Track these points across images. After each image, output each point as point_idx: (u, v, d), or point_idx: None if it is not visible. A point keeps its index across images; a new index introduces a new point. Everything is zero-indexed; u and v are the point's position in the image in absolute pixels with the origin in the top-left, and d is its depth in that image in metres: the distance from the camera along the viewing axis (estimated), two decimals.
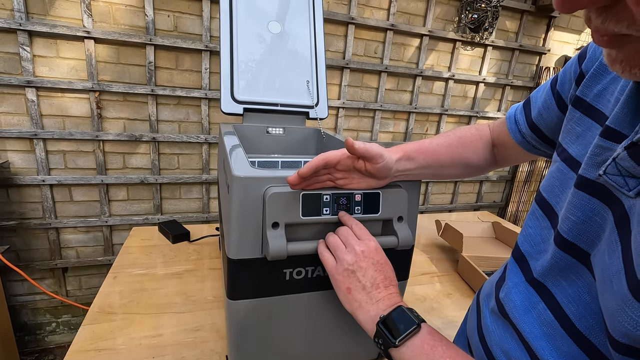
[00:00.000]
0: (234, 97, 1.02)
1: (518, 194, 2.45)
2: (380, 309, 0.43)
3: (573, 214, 0.33)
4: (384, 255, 0.49)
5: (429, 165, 0.55)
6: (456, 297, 0.99)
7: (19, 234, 1.56)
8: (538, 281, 0.37)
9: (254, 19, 1.07)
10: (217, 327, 0.79)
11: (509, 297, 0.40)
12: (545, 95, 0.48)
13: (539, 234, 0.39)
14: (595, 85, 0.37)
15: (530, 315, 0.37)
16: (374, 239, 0.50)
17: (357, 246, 0.47)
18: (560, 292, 0.34)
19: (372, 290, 0.45)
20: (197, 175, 1.72)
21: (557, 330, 0.33)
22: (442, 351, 0.36)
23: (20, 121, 1.43)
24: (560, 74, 0.45)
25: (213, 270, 1.01)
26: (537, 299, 0.36)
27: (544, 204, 0.40)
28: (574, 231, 0.33)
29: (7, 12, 1.31)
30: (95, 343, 0.72)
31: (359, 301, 0.45)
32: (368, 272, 0.46)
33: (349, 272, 0.46)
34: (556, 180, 0.39)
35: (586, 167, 0.33)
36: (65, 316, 1.75)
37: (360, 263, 0.46)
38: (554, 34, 2.20)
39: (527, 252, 0.40)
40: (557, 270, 0.35)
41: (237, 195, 0.50)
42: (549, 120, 0.47)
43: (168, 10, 1.49)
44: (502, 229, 1.27)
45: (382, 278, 0.46)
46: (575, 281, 0.33)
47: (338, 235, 0.50)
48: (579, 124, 0.38)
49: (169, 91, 1.55)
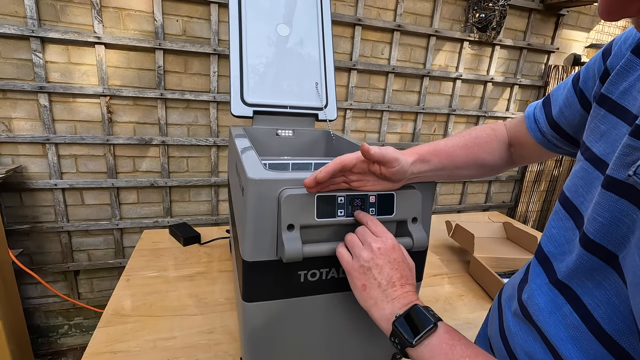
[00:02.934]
0: (243, 99, 1.03)
1: (527, 194, 2.43)
2: (395, 308, 0.43)
3: (600, 215, 0.32)
4: (402, 252, 0.48)
5: (444, 167, 0.54)
6: (469, 298, 0.98)
7: (32, 238, 1.58)
8: (563, 283, 0.36)
9: (262, 22, 1.07)
10: (229, 330, 0.79)
11: (532, 299, 0.39)
12: (567, 93, 0.47)
13: (563, 234, 0.39)
14: (622, 82, 0.36)
15: (555, 317, 0.36)
16: (392, 237, 0.49)
17: (374, 243, 0.47)
18: (587, 294, 0.33)
19: (388, 288, 0.44)
20: (206, 177, 1.73)
21: (584, 332, 0.32)
22: (462, 350, 0.36)
23: (33, 126, 1.45)
24: (583, 71, 0.45)
25: (224, 273, 1.02)
26: (562, 301, 0.36)
27: (568, 204, 0.39)
28: (601, 232, 0.32)
29: (20, 20, 1.33)
30: (110, 345, 0.72)
31: (374, 298, 0.44)
32: (384, 269, 0.45)
33: (365, 268, 0.46)
34: (580, 180, 0.38)
35: (615, 167, 0.32)
36: (77, 318, 1.77)
37: (376, 260, 0.45)
38: (562, 32, 2.17)
39: (551, 253, 0.40)
40: (582, 271, 0.34)
41: (252, 198, 0.50)
42: (571, 118, 0.46)
43: (177, 15, 1.50)
44: (514, 229, 1.26)
45: (399, 276, 0.45)
46: (602, 283, 0.32)
47: (355, 234, 0.50)
48: (603, 122, 0.37)
49: (178, 95, 1.56)
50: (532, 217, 2.51)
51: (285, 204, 0.50)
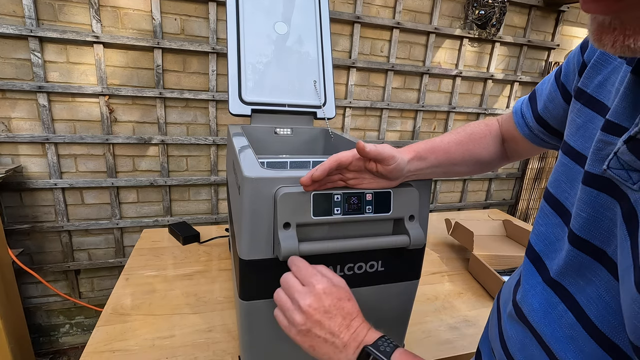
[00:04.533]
0: (241, 98, 1.02)
1: (528, 191, 2.42)
2: (349, 354, 0.42)
3: (583, 211, 0.32)
4: (333, 291, 0.45)
5: (440, 164, 0.54)
6: (468, 296, 0.98)
7: (33, 237, 1.58)
8: (555, 281, 0.36)
9: (260, 20, 1.07)
10: (228, 328, 0.79)
11: (525, 300, 0.39)
12: (550, 87, 0.47)
13: (552, 231, 0.38)
14: (596, 75, 0.36)
15: (550, 317, 0.35)
16: (320, 278, 0.45)
17: (302, 300, 0.44)
18: (579, 292, 0.33)
19: (335, 340, 0.42)
20: (205, 176, 1.73)
21: (579, 332, 0.32)
22: None
23: (33, 126, 1.45)
24: (564, 65, 0.44)
25: (223, 272, 1.02)
26: (557, 300, 0.35)
27: (551, 200, 0.39)
28: (586, 228, 0.32)
29: (18, 19, 1.33)
30: (110, 344, 0.72)
31: (327, 354, 0.43)
32: (324, 324, 0.43)
33: (304, 331, 0.43)
34: (562, 175, 0.38)
35: (591, 162, 0.32)
36: (79, 317, 1.78)
37: (312, 319, 0.43)
38: (563, 29, 2.16)
39: (542, 251, 0.39)
40: (572, 269, 0.34)
41: (248, 196, 0.50)
42: (555, 112, 0.46)
43: (175, 14, 1.50)
44: (514, 227, 1.26)
45: (340, 321, 0.43)
46: (592, 280, 0.32)
47: (283, 289, 0.48)
48: (580, 116, 0.37)
49: (177, 94, 1.56)
50: (533, 215, 2.51)
51: (281, 202, 0.49)
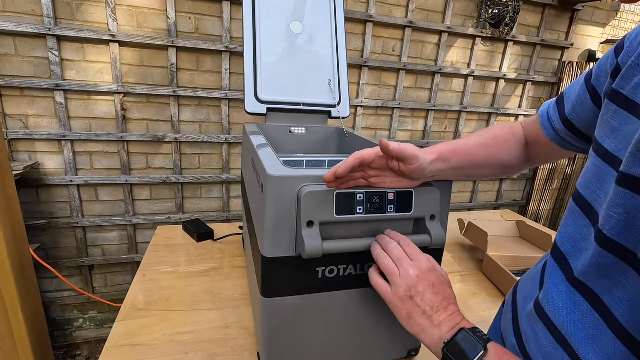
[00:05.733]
0: (257, 97, 1.03)
1: (539, 192, 2.40)
2: (443, 332, 0.43)
3: (615, 212, 0.32)
4: (439, 272, 0.48)
5: (463, 166, 0.54)
6: (482, 296, 0.98)
7: (48, 233, 1.61)
8: (579, 281, 0.36)
9: (276, 20, 1.07)
10: (245, 325, 0.80)
11: (549, 299, 0.39)
12: (579, 90, 0.47)
13: (579, 232, 0.38)
14: (633, 77, 0.36)
15: (573, 316, 0.35)
16: (426, 257, 0.49)
17: (412, 269, 0.47)
18: (606, 292, 0.33)
19: (433, 314, 0.44)
20: (217, 174, 1.75)
21: (604, 332, 0.32)
22: None
23: (50, 123, 1.48)
24: (596, 68, 0.44)
25: (237, 269, 1.03)
26: (580, 299, 0.35)
27: (581, 201, 0.39)
28: (617, 230, 0.32)
29: (37, 18, 1.36)
30: (130, 339, 0.74)
31: (421, 326, 0.45)
32: (426, 296, 0.45)
33: (407, 297, 0.46)
34: (592, 176, 0.38)
35: (628, 163, 0.31)
36: (92, 312, 1.80)
37: (417, 288, 0.46)
38: (577, 28, 2.14)
39: (568, 251, 0.39)
40: (599, 269, 0.34)
41: (272, 194, 0.51)
42: (583, 115, 0.46)
43: (189, 13, 1.51)
44: (527, 227, 1.25)
45: (441, 299, 0.45)
46: (620, 282, 0.32)
47: (389, 255, 0.50)
48: (615, 118, 0.37)
49: (190, 92, 1.57)
50: (544, 216, 2.48)
51: (305, 200, 0.50)
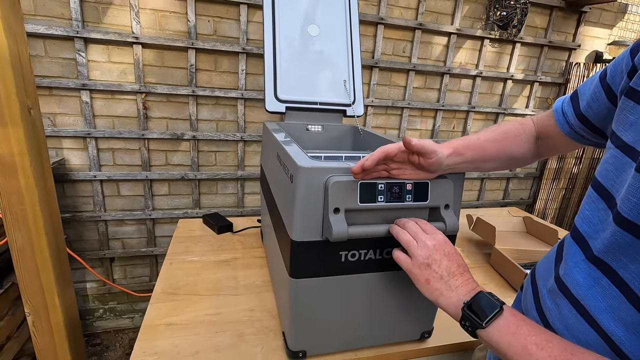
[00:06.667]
0: (277, 96, 1.09)
1: (546, 191, 2.43)
2: (460, 295, 0.48)
3: (634, 196, 0.36)
4: (452, 245, 0.54)
5: (476, 160, 0.60)
6: (490, 287, 1.03)
7: (72, 226, 1.69)
8: (599, 258, 0.40)
9: (294, 24, 1.13)
10: (268, 308, 0.86)
11: (570, 275, 0.43)
12: (594, 88, 0.51)
13: (597, 215, 0.43)
14: None
15: (594, 290, 0.40)
16: (441, 232, 0.55)
17: (429, 241, 0.52)
18: (623, 268, 0.37)
19: (450, 279, 0.50)
20: (232, 171, 1.81)
21: (622, 302, 0.37)
22: (527, 330, 0.41)
23: (76, 121, 1.55)
24: (610, 68, 0.49)
25: (257, 259, 1.09)
26: (600, 275, 0.40)
27: (599, 187, 0.44)
28: (634, 211, 0.36)
29: (66, 21, 1.43)
30: (163, 319, 0.80)
31: (439, 290, 0.50)
32: (442, 263, 0.51)
33: (425, 265, 0.51)
34: (611, 165, 0.42)
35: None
36: (112, 303, 1.88)
37: (434, 256, 0.51)
38: (584, 29, 2.17)
39: (586, 232, 0.44)
40: (617, 247, 0.38)
41: (302, 184, 0.57)
42: (598, 111, 0.50)
43: (208, 16, 1.57)
44: (534, 223, 1.30)
45: (456, 266, 0.51)
46: (637, 258, 0.36)
47: (407, 231, 0.56)
48: (632, 113, 0.41)
49: (208, 92, 1.64)
50: (551, 214, 2.52)
51: (332, 189, 0.56)
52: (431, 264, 0.51)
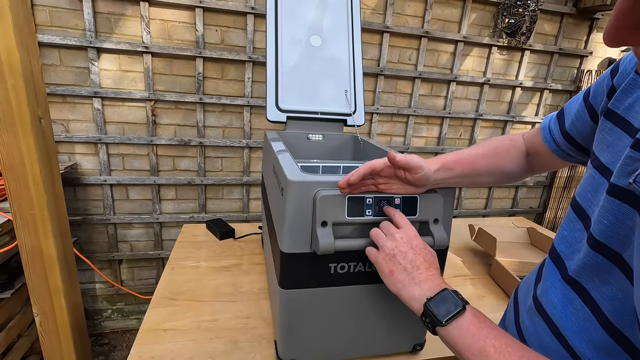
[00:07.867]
0: (278, 106, 1.11)
1: (556, 200, 2.39)
2: (424, 289, 0.47)
3: (605, 218, 0.36)
4: (423, 242, 0.53)
5: (466, 174, 0.60)
6: (489, 299, 1.02)
7: (83, 229, 1.74)
8: (573, 279, 0.40)
9: (296, 34, 1.15)
10: (263, 316, 0.87)
11: (546, 295, 0.43)
12: (578, 107, 0.52)
13: (574, 235, 0.43)
14: (627, 98, 0.40)
15: (568, 310, 0.40)
16: (414, 228, 0.54)
17: (397, 234, 0.52)
18: (595, 289, 0.37)
19: (413, 271, 0.49)
20: (238, 177, 1.84)
21: (593, 324, 0.37)
22: (487, 332, 0.40)
23: (87, 127, 1.61)
24: (593, 87, 0.49)
25: (257, 265, 1.10)
26: (574, 296, 0.40)
27: (577, 208, 0.44)
28: (605, 233, 0.36)
29: (79, 32, 1.48)
30: (161, 324, 0.82)
31: (402, 282, 0.49)
32: (407, 255, 0.50)
33: (390, 256, 0.51)
34: (588, 185, 0.43)
35: (617, 175, 0.36)
36: (119, 304, 1.92)
37: (399, 247, 0.51)
38: (596, 36, 2.13)
39: (563, 252, 0.44)
40: (590, 269, 0.38)
41: (292, 197, 0.58)
42: (582, 129, 0.51)
43: (216, 25, 1.61)
44: (538, 234, 1.28)
45: (422, 260, 0.50)
46: (608, 280, 0.36)
47: (379, 228, 0.56)
48: (610, 134, 0.41)
49: (215, 99, 1.68)
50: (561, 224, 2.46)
51: (320, 203, 0.57)
52: (396, 255, 0.50)
